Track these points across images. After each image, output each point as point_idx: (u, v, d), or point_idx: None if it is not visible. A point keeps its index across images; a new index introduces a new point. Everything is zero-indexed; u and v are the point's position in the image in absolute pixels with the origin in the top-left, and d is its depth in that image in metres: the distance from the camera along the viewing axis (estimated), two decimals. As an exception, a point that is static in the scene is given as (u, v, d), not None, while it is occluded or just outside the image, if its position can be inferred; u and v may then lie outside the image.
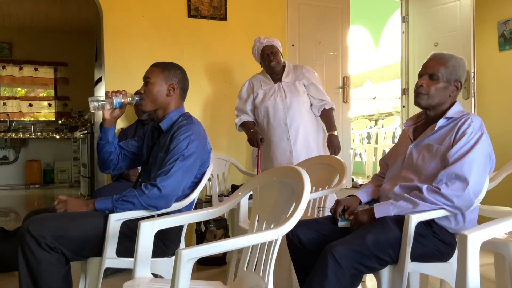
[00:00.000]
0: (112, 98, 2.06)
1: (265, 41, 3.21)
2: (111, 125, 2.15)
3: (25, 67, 8.29)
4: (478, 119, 1.87)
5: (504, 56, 4.27)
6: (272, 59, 3.17)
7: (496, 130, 4.11)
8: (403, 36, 4.74)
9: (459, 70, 1.95)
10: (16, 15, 7.27)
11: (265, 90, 3.23)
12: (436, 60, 1.96)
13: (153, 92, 2.07)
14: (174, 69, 2.12)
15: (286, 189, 1.68)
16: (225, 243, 1.43)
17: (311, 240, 1.87)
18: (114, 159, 2.22)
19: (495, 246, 2.09)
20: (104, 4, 3.63)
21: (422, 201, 1.77)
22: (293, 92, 3.17)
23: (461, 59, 1.98)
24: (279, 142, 3.18)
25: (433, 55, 2.00)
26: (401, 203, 1.81)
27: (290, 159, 3.14)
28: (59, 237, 1.78)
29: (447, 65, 1.93)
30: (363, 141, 7.32)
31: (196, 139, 2.01)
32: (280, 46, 3.27)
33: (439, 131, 1.92)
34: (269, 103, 3.18)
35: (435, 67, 1.94)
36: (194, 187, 2.11)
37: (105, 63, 3.64)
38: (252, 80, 3.33)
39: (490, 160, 1.85)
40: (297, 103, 3.16)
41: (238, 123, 3.34)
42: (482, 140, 1.81)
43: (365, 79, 7.98)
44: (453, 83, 1.94)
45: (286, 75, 3.22)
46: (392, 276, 1.76)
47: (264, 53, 3.19)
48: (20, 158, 8.24)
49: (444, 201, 1.76)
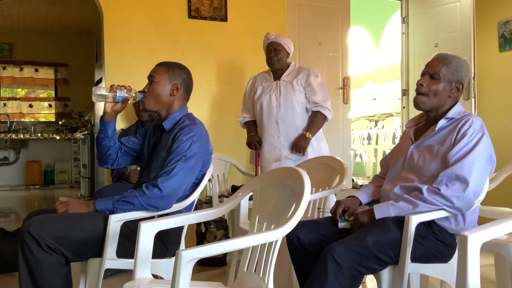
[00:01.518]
0: (116, 91, 2.05)
1: (272, 37, 3.21)
2: (112, 119, 2.13)
3: (25, 68, 8.29)
4: (479, 120, 1.86)
5: (504, 57, 4.27)
6: (273, 56, 3.17)
7: (496, 131, 4.11)
8: (403, 36, 4.74)
9: (461, 71, 1.93)
10: (17, 16, 7.28)
11: (264, 86, 3.26)
12: (439, 60, 1.95)
13: (157, 90, 2.07)
14: (179, 69, 2.12)
15: (286, 190, 1.68)
16: (225, 244, 1.43)
17: (311, 241, 1.87)
18: (112, 154, 2.21)
19: (495, 247, 2.09)
20: (105, 5, 3.64)
21: (422, 201, 1.77)
22: (289, 91, 3.17)
23: (465, 60, 1.97)
24: (270, 139, 3.20)
25: (437, 54, 1.99)
26: (401, 204, 1.81)
27: (279, 157, 3.15)
28: (59, 238, 1.78)
29: (450, 65, 1.92)
30: (363, 142, 7.32)
31: (198, 140, 2.01)
32: (290, 46, 3.24)
33: (440, 132, 1.91)
34: (264, 99, 3.21)
35: (437, 67, 1.93)
36: (195, 188, 2.11)
37: (105, 64, 3.65)
38: (256, 76, 3.38)
39: (491, 161, 1.84)
40: (291, 102, 3.15)
41: (241, 122, 3.39)
42: (483, 141, 1.81)
43: (365, 79, 7.99)
44: (454, 84, 1.93)
45: (287, 75, 3.23)
46: (392, 277, 1.76)
47: (268, 49, 3.22)
48: (20, 159, 8.25)
49: (444, 202, 1.75)
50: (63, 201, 1.97)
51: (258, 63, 3.91)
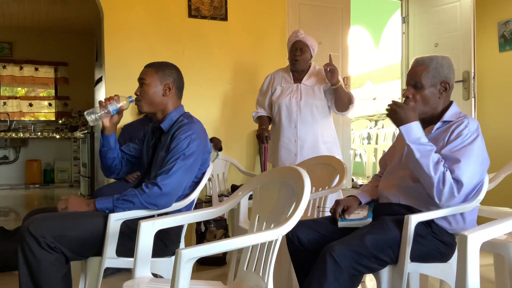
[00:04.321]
0: (107, 107, 2.05)
1: (301, 36, 3.15)
2: (112, 131, 2.15)
3: (25, 67, 8.29)
4: (475, 122, 1.85)
5: (504, 57, 4.27)
6: (298, 55, 3.12)
7: (496, 131, 4.12)
8: (404, 36, 4.74)
9: (443, 70, 1.90)
10: (17, 15, 7.27)
11: (284, 87, 3.21)
12: (417, 68, 1.92)
13: (149, 93, 2.08)
14: (168, 69, 2.12)
15: (286, 189, 1.68)
16: (225, 243, 1.43)
17: (311, 240, 1.87)
18: (118, 163, 2.24)
19: (495, 247, 2.08)
20: (105, 4, 3.64)
21: (434, 176, 1.74)
22: (309, 96, 3.12)
23: (444, 57, 1.93)
24: (287, 142, 3.17)
25: (414, 62, 1.95)
26: (426, 151, 1.76)
27: (294, 161, 3.12)
28: (59, 236, 1.79)
29: (429, 69, 1.89)
30: (363, 142, 7.32)
31: (197, 138, 2.02)
32: (315, 49, 3.20)
33: (435, 132, 1.91)
34: (283, 101, 3.15)
35: (417, 75, 1.90)
36: (194, 187, 2.11)
37: (105, 63, 3.65)
38: (274, 74, 3.31)
39: (484, 163, 1.84)
40: (311, 107, 3.12)
41: (254, 117, 3.34)
42: (477, 141, 1.80)
43: (365, 79, 8.00)
44: (439, 85, 1.90)
45: (308, 78, 3.18)
46: (391, 277, 1.76)
47: (294, 47, 3.16)
48: (20, 157, 8.25)
49: (445, 190, 1.73)
50: (64, 199, 1.98)
51: (259, 62, 3.92)
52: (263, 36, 3.37)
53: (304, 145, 3.13)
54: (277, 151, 3.21)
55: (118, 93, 2.13)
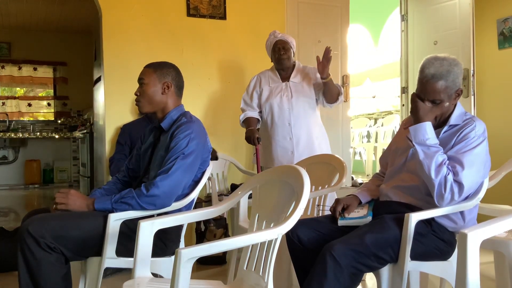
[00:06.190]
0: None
1: (280, 35, 3.22)
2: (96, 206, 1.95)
3: (24, 67, 8.28)
4: (482, 125, 1.84)
5: (504, 54, 4.27)
6: (283, 54, 3.16)
7: (495, 128, 4.12)
8: (403, 34, 4.74)
9: (459, 80, 1.86)
10: (15, 15, 7.26)
11: (272, 87, 3.23)
12: (435, 85, 1.81)
13: (148, 92, 2.08)
14: (166, 68, 2.13)
15: (286, 188, 1.68)
16: (225, 242, 1.43)
17: (311, 239, 1.87)
18: (127, 181, 2.28)
19: (495, 245, 2.09)
20: (103, 4, 3.63)
21: (435, 179, 1.74)
22: (300, 92, 3.16)
23: (456, 64, 1.86)
24: (282, 141, 3.18)
25: (430, 75, 1.82)
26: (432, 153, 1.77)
27: (291, 159, 3.13)
28: (59, 237, 1.78)
29: (447, 83, 1.82)
30: (363, 140, 7.32)
31: (196, 137, 2.02)
32: (295, 45, 3.27)
33: (443, 136, 1.88)
34: (274, 101, 3.18)
35: (436, 93, 1.82)
36: (194, 186, 2.11)
37: (104, 63, 3.64)
38: (260, 75, 3.33)
39: (486, 166, 1.83)
40: (303, 103, 3.15)
41: (241, 119, 3.30)
42: (482, 145, 1.80)
43: (364, 77, 7.98)
44: (454, 94, 1.86)
45: (295, 75, 3.22)
46: (392, 275, 1.76)
47: (276, 47, 3.19)
48: (19, 158, 8.24)
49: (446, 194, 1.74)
50: (63, 192, 1.96)
51: (258, 61, 3.91)
52: (262, 35, 3.37)
53: (299, 141, 3.16)
54: (273, 151, 3.21)
55: (117, 92, 2.13)
